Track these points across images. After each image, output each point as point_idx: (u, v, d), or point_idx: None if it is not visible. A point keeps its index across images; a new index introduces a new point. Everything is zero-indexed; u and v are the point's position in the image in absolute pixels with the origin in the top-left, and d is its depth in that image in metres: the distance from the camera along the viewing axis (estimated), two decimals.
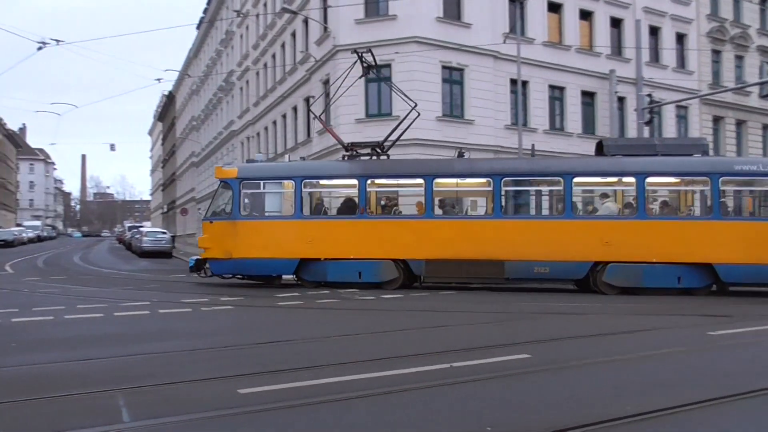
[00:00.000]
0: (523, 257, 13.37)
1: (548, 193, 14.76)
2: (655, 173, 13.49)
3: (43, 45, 19.47)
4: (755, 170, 13.21)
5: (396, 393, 5.04)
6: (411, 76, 20.91)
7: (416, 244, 13.88)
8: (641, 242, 13.10)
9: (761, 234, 13.01)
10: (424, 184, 13.94)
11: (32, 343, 7.37)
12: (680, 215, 13.95)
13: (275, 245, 14.46)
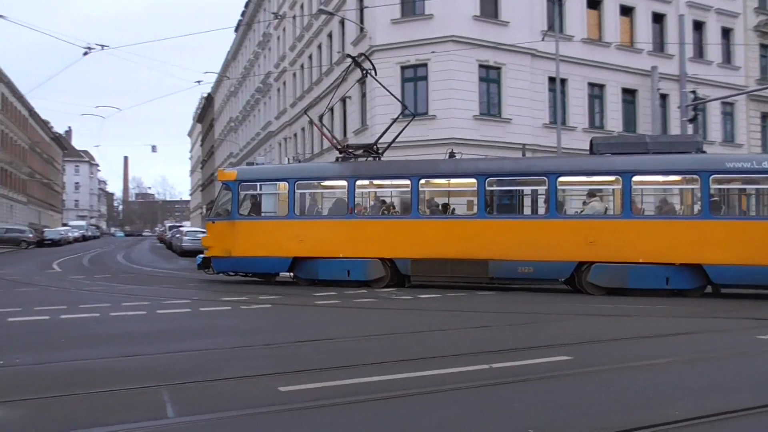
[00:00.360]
0: (507, 257, 13.34)
1: (533, 193, 14.54)
2: (642, 172, 13.12)
3: (89, 50, 20.02)
4: (749, 167, 12.61)
5: (435, 393, 5.01)
6: (447, 76, 20.85)
7: (403, 243, 14.11)
8: (627, 242, 12.83)
9: (754, 234, 12.45)
10: (410, 184, 14.13)
11: (80, 340, 7.56)
12: (668, 214, 13.54)
13: (271, 244, 14.93)
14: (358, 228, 14.58)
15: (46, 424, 4.17)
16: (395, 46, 21.63)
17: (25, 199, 65.33)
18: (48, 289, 14.20)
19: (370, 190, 15.36)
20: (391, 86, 21.64)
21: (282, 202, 15.43)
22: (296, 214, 14.94)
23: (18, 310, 9.91)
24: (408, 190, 14.28)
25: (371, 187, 15.31)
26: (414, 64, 21.54)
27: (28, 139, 66.66)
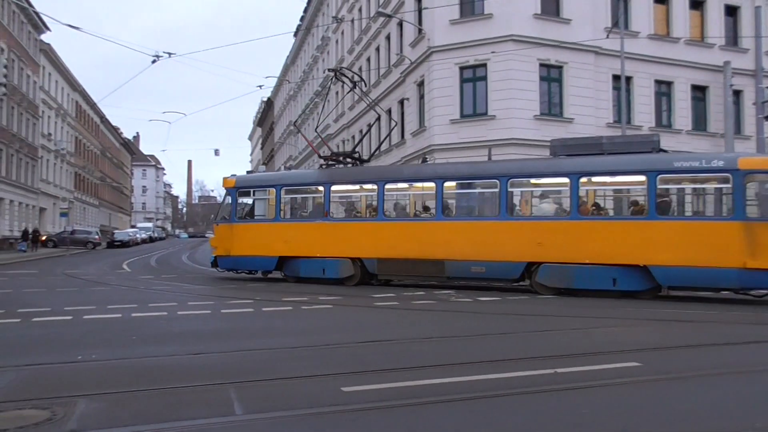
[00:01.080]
0: (461, 257, 13.78)
1: (487, 196, 14.69)
2: (590, 173, 13.09)
3: (157, 58, 20.77)
4: (696, 167, 12.20)
5: (500, 397, 4.94)
6: (507, 75, 20.56)
7: (369, 244, 14.95)
8: (573, 243, 12.83)
9: (703, 235, 12.00)
10: (377, 189, 14.99)
11: (150, 337, 7.83)
12: (614, 215, 13.54)
13: (261, 245, 16.34)
14: (331, 230, 15.60)
15: (124, 418, 4.32)
16: (454, 47, 21.49)
17: (97, 202, 68.42)
18: (119, 289, 14.78)
19: (344, 195, 16.38)
20: (449, 87, 21.57)
21: (271, 207, 16.85)
22: (282, 218, 16.46)
23: (92, 308, 10.35)
24: (375, 194, 15.12)
25: (345, 192, 16.30)
26: (473, 65, 21.33)
27: (99, 144, 69.82)
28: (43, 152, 47.31)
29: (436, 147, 21.30)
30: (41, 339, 7.65)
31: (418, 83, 23.62)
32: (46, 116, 48.71)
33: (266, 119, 76.85)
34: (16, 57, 40.19)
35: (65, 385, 5.25)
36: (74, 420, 4.19)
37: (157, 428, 4.07)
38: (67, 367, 6.05)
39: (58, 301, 11.59)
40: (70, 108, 56.11)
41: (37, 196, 46.29)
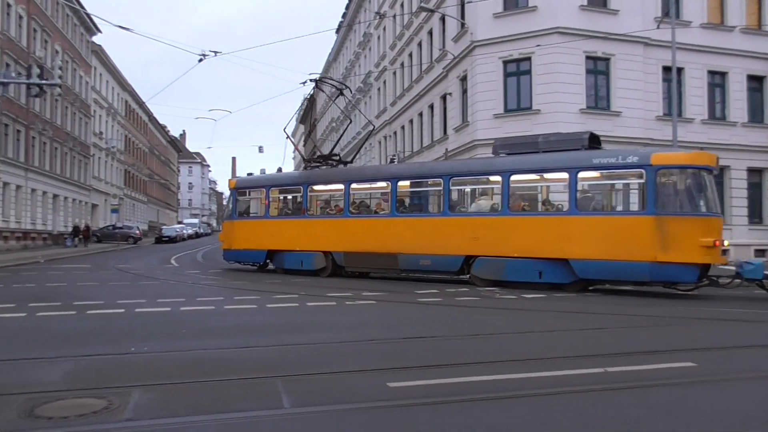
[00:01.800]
0: (411, 251, 14.88)
1: (433, 193, 15.60)
2: (519, 171, 13.72)
3: (204, 57, 21.12)
4: (613, 163, 12.50)
5: (549, 395, 4.84)
6: (552, 69, 20.20)
7: (337, 239, 16.33)
8: (504, 237, 13.54)
9: (617, 229, 12.33)
10: (343, 188, 16.42)
11: (198, 331, 7.99)
12: (539, 211, 13.94)
13: (253, 239, 18.24)
14: (307, 226, 17.19)
15: (176, 408, 4.42)
16: (497, 41, 21.22)
17: (145, 199, 70.31)
18: (168, 283, 15.14)
19: (319, 194, 17.78)
20: (493, 81, 21.33)
21: (262, 205, 18.55)
22: (270, 215, 18.14)
23: (143, 302, 10.64)
24: (342, 193, 16.53)
25: (319, 192, 17.69)
26: (517, 58, 21.03)
27: (147, 142, 71.70)
28: (94, 150, 48.85)
29: (479, 142, 21.10)
30: (96, 331, 7.90)
31: (461, 78, 23.42)
32: (98, 115, 50.26)
33: (308, 116, 77.51)
34: (69, 58, 41.57)
35: (120, 376, 5.41)
36: (129, 409, 4.30)
37: (209, 419, 4.15)
38: (121, 359, 6.22)
39: (110, 294, 11.95)
40: (119, 107, 57.76)
41: (89, 193, 47.84)
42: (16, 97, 32.67)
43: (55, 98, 38.32)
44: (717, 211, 12.45)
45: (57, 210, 40.39)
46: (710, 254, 11.68)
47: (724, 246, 12.17)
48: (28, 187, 35.04)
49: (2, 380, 5.30)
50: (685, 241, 11.66)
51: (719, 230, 12.06)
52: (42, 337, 7.47)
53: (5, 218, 31.96)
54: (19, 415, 4.17)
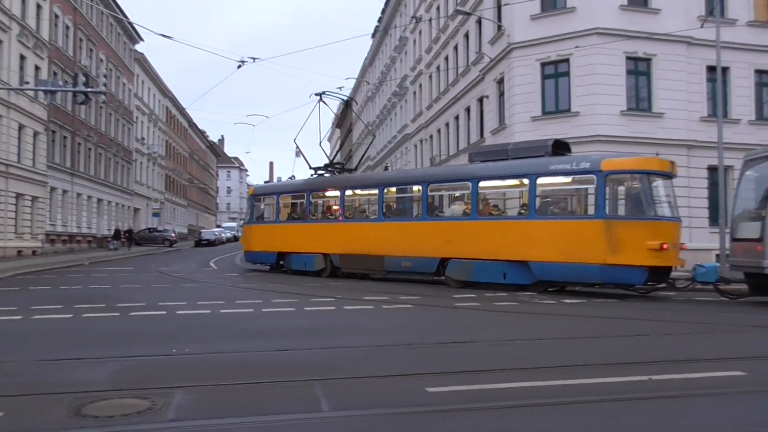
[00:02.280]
0: (395, 253, 15.75)
1: (414, 199, 16.40)
2: (486, 178, 14.48)
3: (242, 63, 21.46)
4: (568, 169, 12.95)
5: (592, 403, 4.75)
6: (591, 70, 19.84)
7: (334, 242, 17.56)
8: (473, 241, 14.23)
9: (571, 233, 12.74)
10: (339, 194, 17.71)
11: (238, 333, 8.09)
12: (503, 215, 14.63)
13: (266, 242, 19.83)
14: (309, 230, 18.50)
15: (217, 410, 4.47)
16: (535, 43, 20.97)
17: (185, 203, 71.68)
18: (207, 286, 15.39)
19: (319, 200, 19.00)
20: (530, 84, 21.10)
21: (273, 211, 20.23)
22: (280, 220, 19.79)
23: (184, 304, 10.84)
24: (338, 199, 17.78)
25: (320, 198, 18.94)
26: (555, 60, 20.73)
27: (187, 147, 73.13)
28: (136, 155, 50.06)
29: None
30: (138, 332, 8.06)
31: (498, 80, 23.22)
32: (140, 121, 51.50)
33: (345, 120, 77.94)
34: (113, 66, 42.74)
35: (162, 377, 5.51)
36: (172, 410, 4.37)
37: (249, 421, 4.18)
38: (163, 360, 6.34)
39: (152, 296, 12.20)
40: (161, 113, 59.08)
41: (132, 197, 49.02)
42: (63, 104, 33.72)
43: (100, 105, 39.39)
44: (670, 215, 12.69)
45: (101, 214, 41.50)
46: (658, 257, 11.85)
47: (682, 249, 12.65)
48: (74, 191, 36.10)
49: (51, 379, 5.46)
50: (632, 244, 11.95)
51: (669, 234, 12.23)
52: (87, 338, 7.67)
53: (52, 222, 32.98)
54: (67, 414, 4.28)
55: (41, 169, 30.84)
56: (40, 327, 8.49)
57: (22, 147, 28.64)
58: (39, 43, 30.37)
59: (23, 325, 8.60)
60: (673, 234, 12.41)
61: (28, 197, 29.38)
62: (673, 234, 12.37)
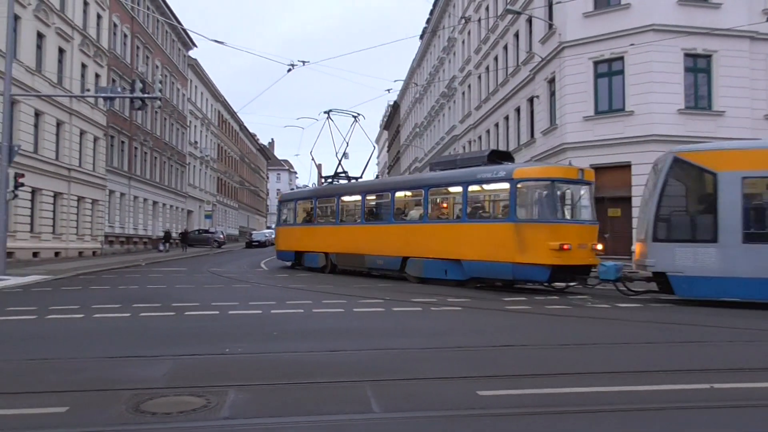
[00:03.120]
0: (372, 252, 17.93)
1: (385, 204, 18.15)
2: (433, 185, 16.38)
3: (292, 66, 21.79)
4: (489, 177, 14.52)
5: (649, 411, 4.60)
6: (647, 68, 19.27)
7: (331, 242, 20.05)
8: (424, 242, 16.09)
9: (490, 234, 14.24)
10: (335, 200, 20.28)
11: (289, 333, 8.18)
12: (445, 219, 16.10)
13: (288, 243, 22.98)
14: (315, 232, 21.18)
15: (270, 409, 4.54)
16: (587, 41, 20.54)
17: (236, 205, 73.19)
18: (258, 286, 15.65)
19: (322, 206, 21.42)
20: (583, 83, 20.68)
21: (293, 215, 23.20)
22: (297, 223, 22.77)
23: (236, 304, 11.05)
24: (334, 204, 20.30)
25: (323, 204, 21.37)
26: (608, 58, 20.24)
27: (239, 151, 74.67)
28: (190, 159, 51.42)
29: (568, 145, 20.48)
30: (193, 331, 8.26)
31: (549, 80, 22.84)
32: (193, 126, 52.89)
33: (392, 122, 78.12)
34: (168, 73, 44.05)
35: (216, 375, 5.61)
36: (226, 408, 4.45)
37: (302, 421, 4.22)
38: (217, 359, 6.47)
39: (205, 296, 12.49)
40: (213, 117, 60.53)
41: (185, 200, 50.37)
42: (121, 110, 34.94)
43: (155, 110, 40.69)
44: (574, 218, 14.02)
45: (156, 216, 42.80)
46: (559, 256, 13.01)
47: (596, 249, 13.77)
48: (131, 194, 37.35)
49: (111, 376, 5.64)
50: (536, 245, 13.24)
51: (573, 235, 13.33)
52: (145, 337, 7.91)
53: (111, 224, 34.20)
54: (126, 410, 4.41)
55: (101, 173, 32.03)
56: (100, 325, 8.80)
57: (83, 152, 29.82)
58: (99, 51, 31.56)
59: (85, 324, 8.93)
60: (579, 236, 13.48)
61: (89, 200, 30.55)
62: (578, 236, 13.45)
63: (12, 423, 4.23)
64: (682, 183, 12.20)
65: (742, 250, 11.01)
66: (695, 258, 11.36)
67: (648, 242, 11.99)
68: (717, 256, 11.17)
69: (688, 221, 11.89)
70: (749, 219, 11.14)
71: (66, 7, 27.77)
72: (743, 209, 11.06)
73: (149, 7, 40.08)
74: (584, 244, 13.45)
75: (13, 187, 17.50)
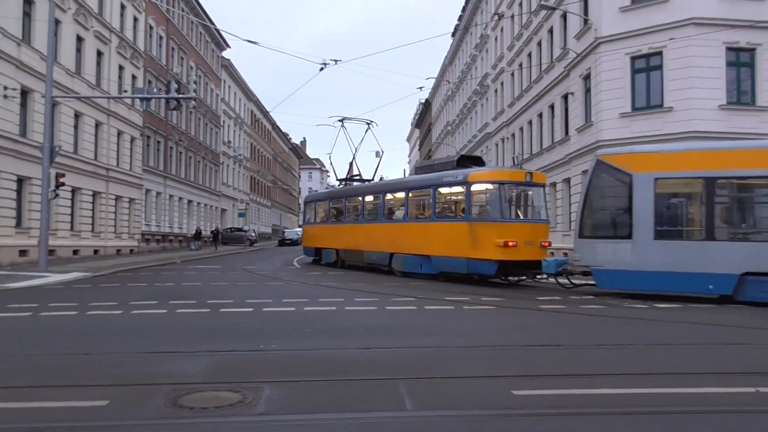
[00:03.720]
0: (368, 249, 19.98)
1: (378, 205, 19.92)
2: (412, 188, 18.12)
3: (324, 65, 21.86)
4: (452, 180, 16.18)
5: (691, 414, 4.49)
6: (687, 63, 18.76)
7: (339, 240, 22.54)
8: (404, 239, 17.87)
9: (451, 232, 15.92)
10: (343, 202, 22.56)
11: (322, 330, 8.22)
12: (419, 218, 17.80)
13: (310, 240, 25.88)
14: (329, 230, 23.73)
15: (305, 405, 4.56)
16: (624, 36, 20.11)
17: (269, 203, 73.91)
18: (291, 284, 15.78)
19: (334, 207, 23.62)
20: (619, 79, 20.28)
21: (313, 215, 25.78)
22: (316, 222, 25.29)
23: (269, 302, 11.15)
24: (342, 205, 22.62)
25: (335, 205, 23.55)
26: (646, 54, 19.76)
27: (271, 150, 75.39)
28: (223, 158, 52.10)
29: (604, 143, 20.10)
30: (228, 328, 8.37)
31: (584, 76, 22.46)
32: (227, 125, 53.58)
33: (424, 120, 77.92)
34: (202, 73, 44.70)
35: (251, 371, 5.67)
36: (262, 404, 4.49)
37: (336, 418, 4.23)
38: (252, 355, 6.54)
39: (239, 294, 12.63)
40: (246, 117, 61.23)
41: (219, 198, 51.07)
42: (157, 111, 35.59)
43: (190, 111, 41.33)
44: (520, 217, 15.74)
45: (191, 214, 43.49)
46: (505, 252, 14.45)
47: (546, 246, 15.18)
48: (166, 193, 38.02)
49: (149, 371, 5.74)
50: (485, 242, 14.75)
51: (518, 233, 14.70)
52: (181, 333, 8.03)
53: (147, 222, 34.87)
54: (165, 404, 4.48)
55: (137, 173, 32.68)
56: (138, 321, 8.98)
57: (121, 152, 30.46)
58: (136, 53, 32.19)
59: (123, 319, 9.12)
60: (526, 233, 14.87)
61: (126, 199, 31.21)
62: (525, 233, 14.83)
63: (56, 415, 4.34)
64: (604, 184, 12.91)
65: (654, 246, 11.89)
66: (613, 253, 12.35)
67: (575, 239, 13.22)
68: (632, 252, 12.10)
69: (608, 219, 12.89)
70: (660, 217, 12.01)
71: (104, 10, 28.39)
72: (655, 208, 11.93)
73: (184, 8, 40.73)
74: (531, 241, 14.74)
75: (55, 186, 17.98)
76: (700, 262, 11.48)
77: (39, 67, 21.46)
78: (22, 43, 21.02)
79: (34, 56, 21.76)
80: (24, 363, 6.17)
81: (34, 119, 21.76)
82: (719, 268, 11.30)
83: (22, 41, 21.03)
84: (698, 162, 11.89)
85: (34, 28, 21.94)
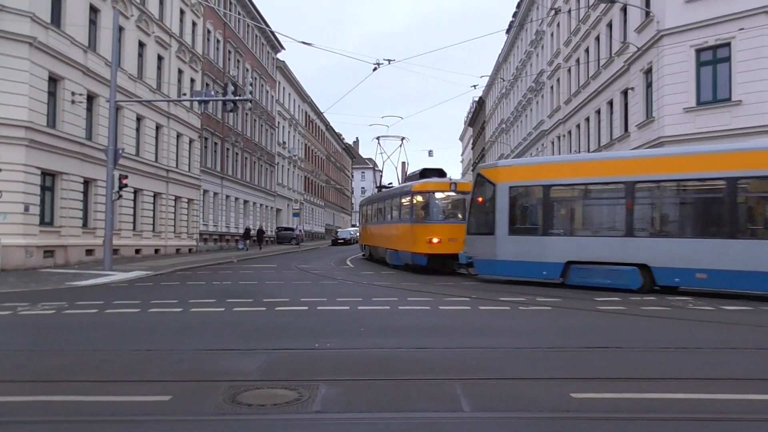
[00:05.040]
0: (378, 245, 24.86)
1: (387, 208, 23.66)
2: (396, 195, 21.82)
3: (378, 65, 21.91)
4: (406, 190, 20.27)
5: (760, 422, 4.26)
6: (758, 54, 17.84)
7: (367, 238, 27.94)
8: (389, 237, 22.22)
9: (404, 231, 20.10)
10: (374, 205, 26.53)
11: (376, 329, 8.23)
12: (394, 220, 21.83)
13: (362, 238, 30.87)
14: (367, 230, 28.47)
15: (360, 404, 4.57)
16: (689, 28, 19.34)
17: (323, 203, 74.72)
18: (345, 283, 15.87)
19: (370, 210, 28.03)
20: (683, 72, 19.53)
21: (363, 216, 31.35)
22: (364, 223, 30.41)
23: (324, 300, 11.26)
24: (373, 208, 26.81)
25: (371, 208, 27.95)
26: (712, 45, 18.95)
27: (324, 150, 76.18)
28: (278, 159, 52.97)
29: (666, 139, 19.41)
30: (284, 326, 8.48)
31: (645, 71, 21.74)
32: (281, 126, 54.45)
33: (477, 119, 77.17)
34: (258, 75, 45.57)
35: (307, 369, 5.73)
36: (318, 402, 4.53)
37: (392, 417, 4.22)
38: (307, 353, 6.60)
39: (294, 292, 12.81)
40: (300, 118, 62.07)
41: (274, 199, 51.96)
42: (214, 113, 36.51)
43: (246, 112, 42.19)
44: (442, 219, 18.66)
45: (247, 214, 44.41)
46: (431, 248, 18.24)
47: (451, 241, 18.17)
48: (223, 193, 38.95)
49: (209, 367, 5.88)
50: (419, 239, 18.61)
51: (442, 232, 18.21)
52: (239, 330, 8.19)
53: (205, 222, 35.81)
54: (225, 400, 4.57)
55: (195, 174, 33.59)
56: (197, 319, 9.21)
57: (180, 153, 31.38)
58: (194, 57, 33.11)
59: (183, 317, 9.38)
60: (450, 232, 18.09)
61: (185, 199, 32.13)
62: (448, 232, 18.11)
63: (121, 409, 4.49)
64: (480, 191, 16.08)
65: (509, 240, 15.08)
66: (485, 246, 15.61)
67: (466, 236, 16.58)
68: (495, 245, 15.27)
69: (482, 219, 15.98)
70: (513, 217, 15.20)
71: (164, 16, 29.31)
72: (509, 209, 15.13)
73: (240, 12, 41.61)
74: (454, 238, 17.72)
75: (118, 188, 18.66)
76: (538, 253, 14.51)
77: (104, 72, 22.34)
78: (88, 50, 21.91)
79: (99, 62, 22.66)
80: (91, 358, 6.41)
81: (99, 123, 22.68)
82: (551, 257, 14.32)
83: (88, 48, 21.93)
84: (539, 172, 15.06)
85: (99, 35, 22.86)
